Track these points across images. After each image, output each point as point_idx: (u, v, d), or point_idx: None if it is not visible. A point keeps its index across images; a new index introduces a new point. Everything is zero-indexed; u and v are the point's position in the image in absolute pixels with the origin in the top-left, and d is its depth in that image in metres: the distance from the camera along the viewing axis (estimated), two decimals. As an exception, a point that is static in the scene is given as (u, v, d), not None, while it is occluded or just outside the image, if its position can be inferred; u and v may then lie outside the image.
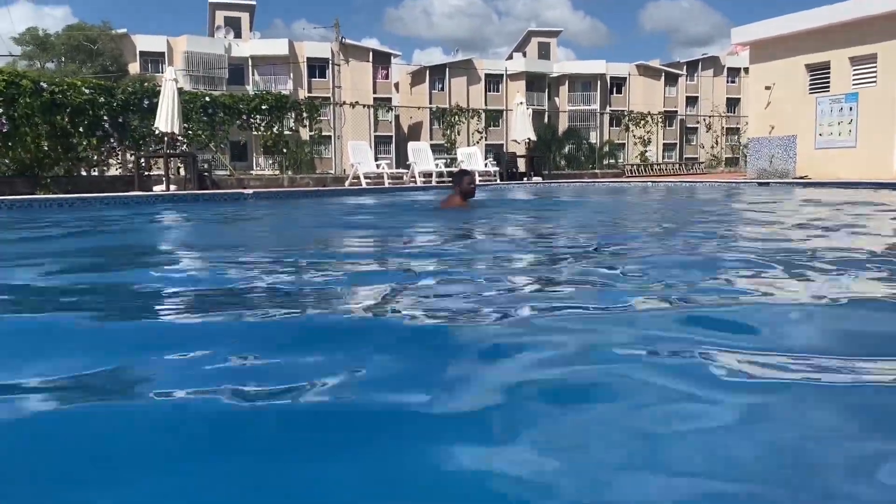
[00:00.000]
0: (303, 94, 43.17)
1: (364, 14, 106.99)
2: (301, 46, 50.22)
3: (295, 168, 19.90)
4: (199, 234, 6.43)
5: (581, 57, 64.30)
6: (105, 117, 15.31)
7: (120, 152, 16.76)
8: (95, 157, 16.00)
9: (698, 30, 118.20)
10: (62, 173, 14.95)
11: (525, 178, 19.12)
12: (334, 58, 34.29)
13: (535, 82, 54.96)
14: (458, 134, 22.64)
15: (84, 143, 15.05)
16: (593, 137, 47.63)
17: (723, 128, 33.10)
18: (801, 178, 14.73)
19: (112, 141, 15.99)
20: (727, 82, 61.24)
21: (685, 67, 61.08)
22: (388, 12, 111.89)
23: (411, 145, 18.19)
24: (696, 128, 57.09)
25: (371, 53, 51.41)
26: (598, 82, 58.42)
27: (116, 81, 22.56)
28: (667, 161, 39.73)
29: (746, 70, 62.27)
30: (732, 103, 58.04)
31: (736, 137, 35.52)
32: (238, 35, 50.52)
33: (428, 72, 54.07)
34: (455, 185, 7.27)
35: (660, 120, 28.22)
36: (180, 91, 15.46)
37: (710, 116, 30.70)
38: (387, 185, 16.21)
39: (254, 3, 52.58)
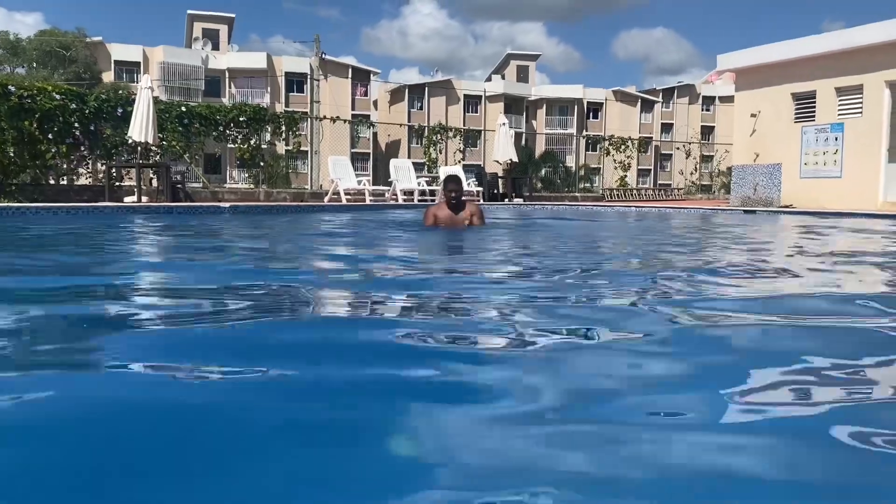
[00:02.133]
0: (280, 108, 42.71)
1: (341, 32, 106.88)
2: (279, 60, 49.86)
3: (270, 182, 19.44)
4: (187, 254, 5.98)
5: (555, 82, 64.68)
6: (76, 124, 14.77)
7: (91, 161, 16.20)
8: (65, 166, 15.42)
9: (670, 59, 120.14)
10: (28, 181, 14.36)
11: (506, 200, 18.86)
12: (313, 73, 33.91)
13: (514, 104, 55.15)
14: (441, 153, 22.40)
15: (53, 150, 14.48)
16: (569, 161, 47.85)
17: (701, 155, 33.36)
18: (786, 206, 14.65)
19: (83, 149, 15.44)
20: (702, 110, 62.04)
21: (661, 94, 61.80)
22: (365, 32, 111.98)
23: (393, 162, 17.85)
24: (671, 154, 57.79)
25: (350, 70, 51.20)
26: (576, 107, 58.83)
27: (89, 89, 21.96)
28: (642, 186, 39.99)
29: (721, 99, 63.49)
30: (707, 131, 58.77)
31: (710, 165, 35.88)
32: (216, 47, 50.01)
33: (407, 90, 53.99)
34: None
35: (638, 145, 28.28)
36: (156, 100, 14.99)
37: (689, 143, 30.83)
38: (368, 201, 15.83)
39: (233, 15, 52.18)
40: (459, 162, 22.84)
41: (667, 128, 61.23)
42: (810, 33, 14.77)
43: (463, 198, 7.15)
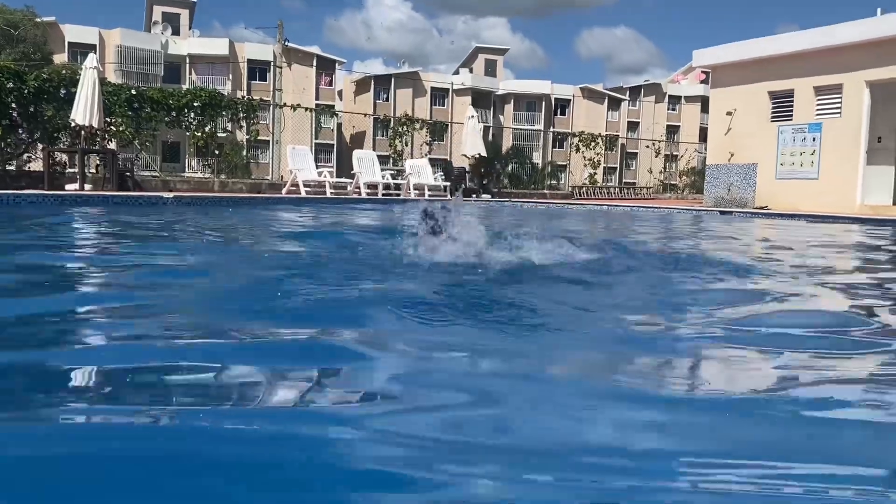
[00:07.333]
0: (242, 95, 41.52)
1: (303, 21, 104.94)
2: (241, 47, 48.52)
3: (229, 172, 18.52)
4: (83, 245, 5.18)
5: (519, 77, 64.19)
6: (13, 104, 13.71)
7: (29, 145, 15.16)
8: (9, 150, 14.35)
9: (632, 57, 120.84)
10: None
11: (474, 196, 18.23)
12: (276, 60, 32.87)
13: (481, 99, 54.52)
14: (406, 145, 21.68)
15: (-14, 132, 13.43)
16: (536, 157, 47.46)
17: (671, 154, 33.23)
18: (761, 208, 14.26)
19: (21, 132, 14.38)
20: (668, 110, 62.16)
21: (628, 93, 61.76)
22: (329, 22, 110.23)
23: (356, 153, 17.06)
24: (636, 153, 57.78)
25: (315, 59, 50.06)
26: (543, 103, 58.48)
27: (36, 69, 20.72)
28: (609, 185, 39.75)
29: (687, 98, 63.87)
30: (672, 130, 58.91)
31: (676, 164, 35.85)
32: (176, 32, 48.45)
33: (373, 81, 53.07)
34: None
35: (607, 142, 27.90)
36: (103, 82, 14.02)
37: (659, 141, 30.62)
38: (329, 195, 15.04)
39: (194, 0, 50.60)
40: (426, 155, 22.12)
41: (633, 126, 61.22)
42: (766, 35, 14.43)
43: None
